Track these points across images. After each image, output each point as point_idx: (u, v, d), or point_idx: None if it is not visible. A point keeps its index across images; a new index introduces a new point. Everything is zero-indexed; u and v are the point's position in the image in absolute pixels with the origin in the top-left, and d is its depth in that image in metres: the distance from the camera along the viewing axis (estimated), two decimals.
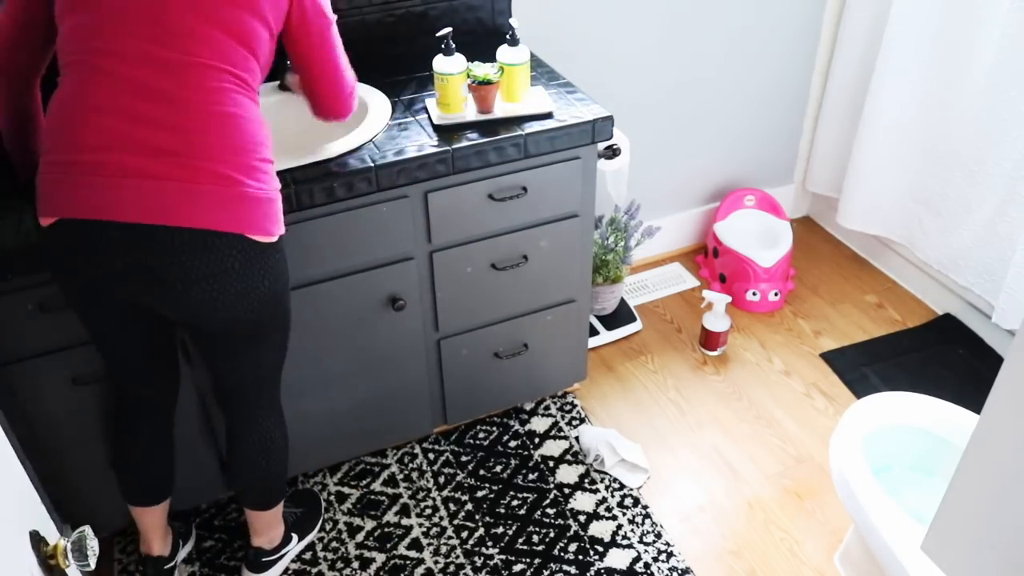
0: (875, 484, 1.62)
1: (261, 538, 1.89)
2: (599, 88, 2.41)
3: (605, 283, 2.54)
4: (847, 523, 2.00)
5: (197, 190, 1.35)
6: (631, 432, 2.30)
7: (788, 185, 3.05)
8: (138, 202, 1.34)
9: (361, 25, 2.10)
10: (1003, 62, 2.19)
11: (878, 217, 2.69)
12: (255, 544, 1.90)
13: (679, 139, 2.73)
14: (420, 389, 2.11)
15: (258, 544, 1.90)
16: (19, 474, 0.96)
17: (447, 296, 1.99)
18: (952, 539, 1.00)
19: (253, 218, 1.41)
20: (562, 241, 2.04)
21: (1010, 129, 2.21)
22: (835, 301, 2.75)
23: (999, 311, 2.33)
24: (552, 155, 1.90)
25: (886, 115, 2.51)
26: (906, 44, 2.39)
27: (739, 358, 2.55)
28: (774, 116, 2.84)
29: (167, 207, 1.35)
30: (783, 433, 2.30)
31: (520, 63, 1.84)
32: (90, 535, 0.92)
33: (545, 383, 2.31)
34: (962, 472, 0.96)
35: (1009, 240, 2.29)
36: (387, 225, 1.82)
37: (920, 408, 1.79)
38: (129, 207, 1.34)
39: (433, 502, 2.12)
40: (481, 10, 2.20)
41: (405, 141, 1.80)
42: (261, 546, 1.90)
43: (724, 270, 2.76)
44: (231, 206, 1.38)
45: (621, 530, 2.04)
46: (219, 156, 1.36)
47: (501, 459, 2.23)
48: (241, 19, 1.39)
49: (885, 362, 2.49)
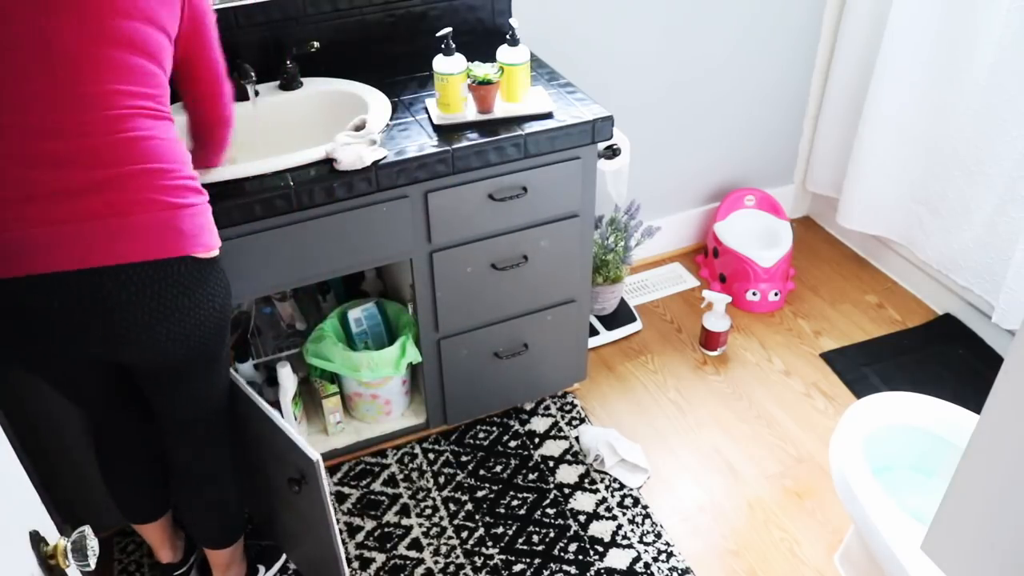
0: (875, 484, 1.62)
1: (224, 575, 1.85)
2: (599, 88, 2.41)
3: (605, 283, 2.54)
4: (847, 523, 2.00)
5: (128, 223, 1.29)
6: (631, 432, 2.30)
7: (788, 185, 3.05)
8: (69, 248, 1.27)
9: (361, 25, 2.10)
10: (1003, 62, 2.19)
11: (878, 217, 2.69)
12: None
13: (679, 139, 2.73)
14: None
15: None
16: (19, 474, 0.96)
17: (447, 296, 1.99)
18: (952, 539, 1.00)
19: (190, 235, 1.35)
20: (562, 241, 2.04)
21: (1010, 129, 2.21)
22: (835, 301, 2.75)
23: (999, 311, 2.33)
24: (552, 155, 1.90)
25: (886, 115, 2.51)
26: (906, 44, 2.39)
27: (739, 358, 2.55)
28: (774, 116, 2.84)
29: (101, 247, 1.28)
30: (783, 433, 2.30)
31: (520, 63, 1.84)
32: (90, 535, 0.92)
33: (545, 383, 2.31)
34: (962, 472, 0.96)
35: (1009, 240, 2.29)
36: (387, 225, 1.82)
37: (920, 408, 1.79)
38: (61, 255, 1.27)
39: (433, 502, 2.12)
40: (481, 10, 2.20)
41: (405, 141, 1.80)
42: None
43: (724, 270, 2.76)
44: (165, 230, 1.32)
45: (621, 530, 2.04)
46: (141, 183, 1.29)
47: (501, 459, 2.23)
48: (135, 30, 1.30)
49: (885, 362, 2.49)
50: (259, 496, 1.90)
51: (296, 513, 1.74)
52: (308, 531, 1.73)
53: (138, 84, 1.32)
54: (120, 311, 1.32)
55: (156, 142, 1.33)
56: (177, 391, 1.54)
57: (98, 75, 1.28)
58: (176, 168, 1.35)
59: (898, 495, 1.70)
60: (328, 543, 1.66)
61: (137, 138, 1.30)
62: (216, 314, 1.44)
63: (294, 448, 1.57)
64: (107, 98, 1.28)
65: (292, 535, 1.86)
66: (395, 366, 2.05)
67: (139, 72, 1.32)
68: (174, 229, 1.33)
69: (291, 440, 1.57)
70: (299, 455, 1.56)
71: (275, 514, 1.88)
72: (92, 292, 1.30)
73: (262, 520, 2.01)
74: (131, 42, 1.30)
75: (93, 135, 1.28)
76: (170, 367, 1.47)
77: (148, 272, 1.32)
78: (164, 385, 1.52)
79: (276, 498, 1.81)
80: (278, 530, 1.93)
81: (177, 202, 1.33)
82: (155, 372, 1.49)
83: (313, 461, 1.53)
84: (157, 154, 1.32)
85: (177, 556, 1.88)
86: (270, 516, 1.93)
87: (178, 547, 1.89)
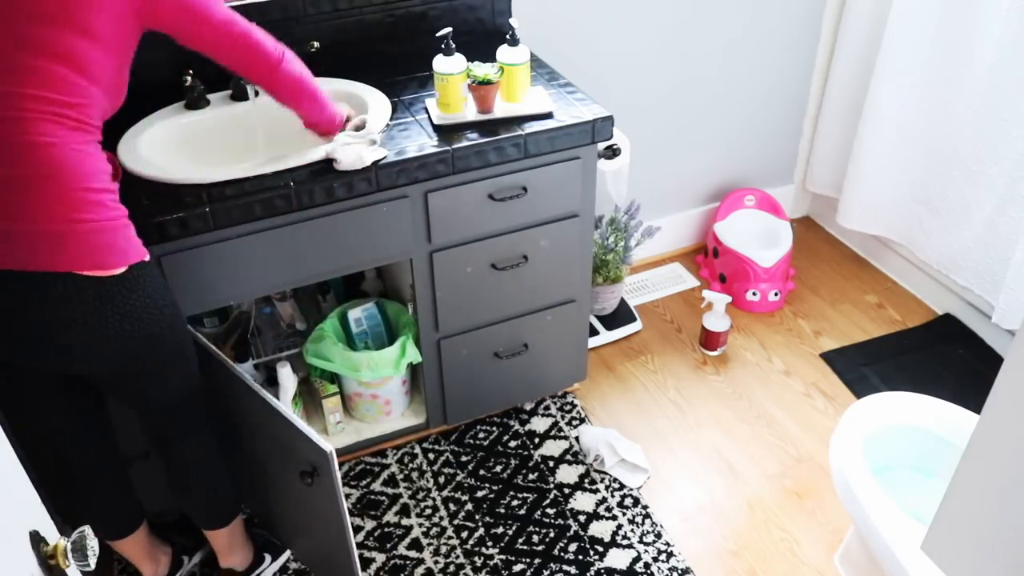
0: (875, 484, 1.62)
1: (228, 559, 1.86)
2: (599, 88, 2.41)
3: (605, 283, 2.54)
4: (847, 523, 2.00)
5: (19, 230, 1.27)
6: (631, 432, 2.30)
7: (788, 185, 3.05)
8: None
9: (361, 25, 2.10)
10: (1003, 62, 2.19)
11: (878, 217, 2.69)
12: (224, 566, 1.87)
13: (679, 139, 2.73)
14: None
15: (227, 565, 1.87)
16: (19, 474, 0.96)
17: (447, 296, 1.99)
18: (952, 539, 1.00)
19: (84, 253, 1.30)
20: (562, 241, 2.04)
21: (1010, 129, 2.21)
22: (835, 301, 2.75)
23: (999, 311, 2.33)
24: (552, 155, 1.90)
25: (886, 115, 2.51)
26: (906, 44, 2.39)
27: (739, 358, 2.55)
28: (774, 116, 2.84)
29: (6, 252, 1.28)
30: (783, 433, 2.30)
31: (520, 63, 1.84)
32: (90, 535, 0.92)
33: (545, 383, 2.31)
34: (962, 472, 0.96)
35: (1009, 240, 2.29)
36: (387, 225, 1.82)
37: (920, 408, 1.79)
38: None
39: (433, 502, 2.12)
40: (481, 10, 2.20)
41: (405, 141, 1.80)
42: (231, 567, 1.87)
43: (724, 270, 2.76)
44: (57, 243, 1.28)
45: (621, 530, 2.04)
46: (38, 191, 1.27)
47: (501, 459, 2.23)
48: (65, 41, 1.28)
49: (885, 362, 2.49)
50: (258, 491, 1.90)
51: (304, 507, 1.74)
52: (317, 525, 1.73)
53: (55, 92, 1.29)
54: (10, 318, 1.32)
55: (59, 151, 1.28)
56: (127, 395, 1.54)
57: (12, 78, 1.26)
58: (80, 181, 1.30)
59: (898, 495, 1.70)
60: (340, 535, 1.67)
61: (42, 143, 1.27)
62: (123, 340, 1.39)
63: (306, 441, 1.57)
64: (17, 100, 1.26)
65: (298, 530, 1.86)
66: (395, 366, 2.05)
67: (58, 81, 1.29)
68: (63, 243, 1.29)
69: (303, 433, 1.57)
70: (311, 447, 1.56)
71: (277, 509, 1.89)
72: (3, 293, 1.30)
73: (262, 517, 2.01)
74: (53, 52, 1.28)
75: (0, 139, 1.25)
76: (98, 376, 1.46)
77: (30, 282, 1.29)
78: (112, 390, 1.52)
79: (279, 493, 1.81)
80: (281, 526, 1.93)
81: (73, 216, 1.29)
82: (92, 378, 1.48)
83: (327, 453, 1.54)
84: (60, 164, 1.28)
85: (161, 570, 1.87)
86: (271, 512, 1.93)
87: (162, 562, 1.87)
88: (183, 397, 1.60)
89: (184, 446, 1.67)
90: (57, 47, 1.29)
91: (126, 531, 1.76)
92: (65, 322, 1.33)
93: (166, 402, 1.58)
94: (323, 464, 1.56)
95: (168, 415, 1.61)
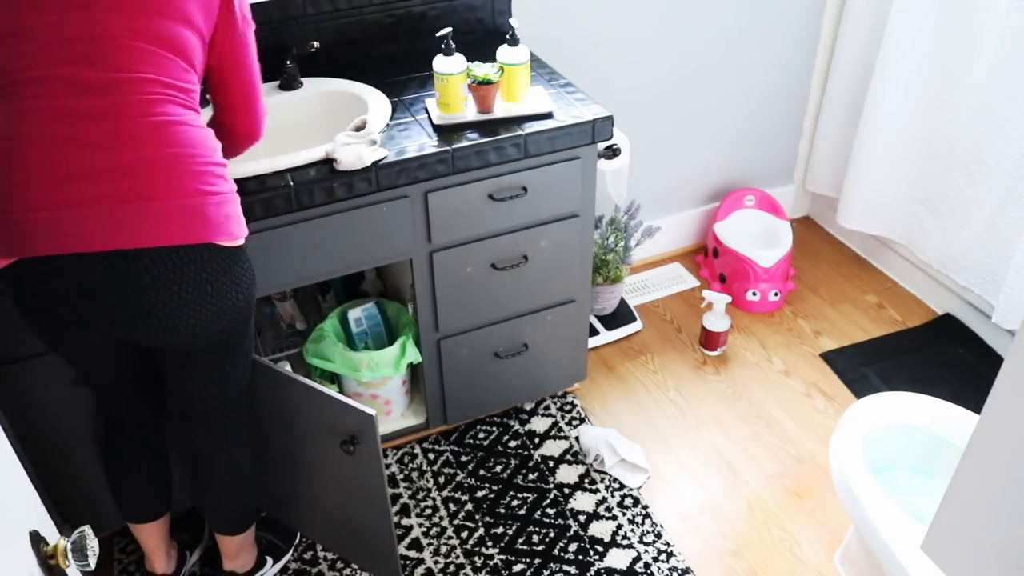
0: (875, 484, 1.62)
1: (233, 562, 1.86)
2: (599, 88, 2.42)
3: (605, 283, 2.54)
4: (847, 523, 2.00)
5: (154, 207, 1.30)
6: (631, 432, 2.30)
7: (788, 185, 3.05)
8: (94, 231, 1.28)
9: (361, 25, 2.10)
10: (1003, 62, 2.19)
11: (878, 217, 2.69)
12: (227, 568, 1.87)
13: (679, 139, 2.73)
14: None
15: (230, 568, 1.87)
16: (19, 474, 0.96)
17: (447, 296, 1.99)
18: (952, 539, 1.00)
19: (216, 223, 1.36)
20: (562, 241, 2.04)
21: (1010, 129, 2.21)
22: (835, 301, 2.75)
23: (999, 311, 2.33)
24: (552, 155, 1.90)
25: (886, 115, 2.51)
26: (906, 44, 2.39)
27: (739, 358, 2.55)
28: (774, 116, 2.84)
29: (126, 230, 1.29)
30: (783, 433, 2.30)
31: (520, 63, 1.84)
32: (90, 535, 0.92)
33: (545, 383, 2.31)
34: (962, 472, 0.96)
35: (1009, 240, 2.29)
36: (387, 225, 1.82)
37: (920, 408, 1.79)
38: (86, 237, 1.28)
39: (433, 502, 2.12)
40: (481, 10, 2.20)
41: (405, 141, 1.80)
42: (234, 570, 1.87)
43: (724, 270, 2.76)
44: (192, 216, 1.33)
45: (621, 530, 2.04)
46: (169, 167, 1.31)
47: (501, 459, 2.23)
48: (174, 31, 1.35)
49: (885, 362, 2.49)
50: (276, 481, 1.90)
51: (340, 484, 1.76)
52: (353, 500, 1.76)
53: (169, 77, 1.34)
54: (140, 294, 1.34)
55: (185, 128, 1.34)
56: (197, 377, 1.55)
57: (134, 65, 1.31)
58: (205, 155, 1.36)
59: (898, 495, 1.70)
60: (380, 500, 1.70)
61: (167, 122, 1.32)
62: (238, 304, 1.45)
63: (347, 410, 1.60)
64: (141, 84, 1.31)
65: (331, 515, 1.87)
66: (395, 366, 2.05)
67: (170, 67, 1.35)
68: (199, 216, 1.33)
69: (344, 403, 1.60)
70: (353, 415, 1.60)
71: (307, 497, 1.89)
72: (114, 275, 1.32)
73: (276, 507, 2.00)
74: (167, 40, 1.34)
75: (123, 117, 1.29)
76: (190, 353, 1.49)
77: (170, 257, 1.33)
78: (184, 370, 1.54)
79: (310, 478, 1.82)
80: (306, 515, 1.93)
81: (204, 189, 1.34)
82: (175, 357, 1.51)
83: (372, 416, 1.57)
84: (186, 140, 1.33)
85: (171, 567, 1.88)
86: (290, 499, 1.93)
87: (172, 556, 1.89)
88: (238, 390, 1.63)
89: (223, 452, 1.68)
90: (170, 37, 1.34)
91: (156, 513, 1.79)
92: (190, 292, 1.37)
93: (224, 391, 1.60)
94: (366, 428, 1.61)
95: (221, 409, 1.63)
